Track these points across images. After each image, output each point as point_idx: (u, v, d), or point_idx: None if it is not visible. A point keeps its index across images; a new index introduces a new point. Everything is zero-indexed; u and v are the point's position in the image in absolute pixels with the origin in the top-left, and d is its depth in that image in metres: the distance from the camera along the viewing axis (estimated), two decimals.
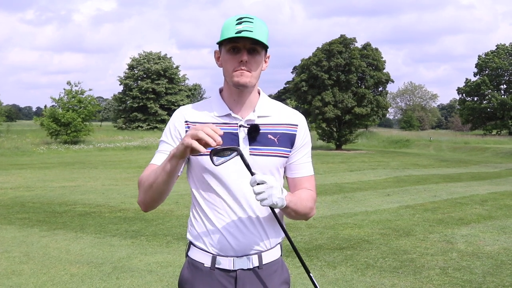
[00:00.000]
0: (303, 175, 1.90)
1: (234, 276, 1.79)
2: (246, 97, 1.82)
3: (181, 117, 1.84)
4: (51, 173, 14.81)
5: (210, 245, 1.79)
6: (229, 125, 1.79)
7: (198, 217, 1.84)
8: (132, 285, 4.61)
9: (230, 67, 1.75)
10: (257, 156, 1.78)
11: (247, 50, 1.72)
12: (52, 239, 6.37)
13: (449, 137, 44.04)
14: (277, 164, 1.82)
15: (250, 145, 1.78)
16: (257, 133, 1.78)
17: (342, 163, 19.85)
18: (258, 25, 1.72)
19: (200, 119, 1.82)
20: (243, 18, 1.71)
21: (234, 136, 1.78)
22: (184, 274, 1.87)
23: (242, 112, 1.82)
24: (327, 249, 5.95)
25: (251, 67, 1.74)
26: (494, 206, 9.30)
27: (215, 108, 1.83)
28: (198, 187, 1.83)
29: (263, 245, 1.81)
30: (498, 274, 5.00)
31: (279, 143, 1.82)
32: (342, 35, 31.92)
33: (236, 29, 1.69)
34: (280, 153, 1.82)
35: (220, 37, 1.75)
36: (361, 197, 10.24)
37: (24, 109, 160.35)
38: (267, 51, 1.81)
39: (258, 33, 1.69)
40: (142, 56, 58.53)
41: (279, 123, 1.84)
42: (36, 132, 34.54)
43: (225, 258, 1.78)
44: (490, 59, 57.09)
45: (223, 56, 1.78)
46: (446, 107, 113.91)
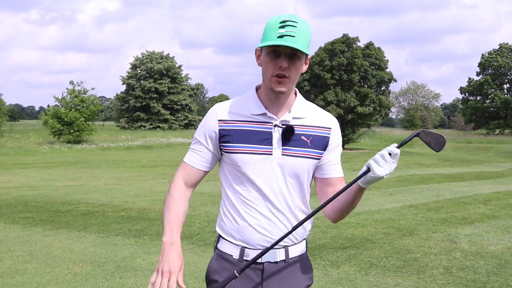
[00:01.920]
0: (335, 176, 1.93)
1: (261, 268, 1.84)
2: (283, 99, 1.83)
3: (214, 116, 1.86)
4: (54, 173, 14.84)
5: (239, 237, 1.84)
6: (264, 123, 1.82)
7: (228, 212, 1.88)
8: (136, 284, 4.61)
9: (269, 71, 1.74)
10: (289, 157, 1.81)
11: (288, 56, 1.71)
12: (55, 238, 6.38)
13: (452, 137, 43.94)
14: (309, 165, 1.85)
15: (283, 145, 1.80)
16: (291, 134, 1.80)
17: (345, 162, 19.71)
18: (301, 30, 1.69)
19: (235, 117, 1.84)
20: (287, 21, 1.69)
21: (269, 136, 1.81)
22: (213, 265, 1.92)
23: (278, 112, 1.83)
24: (331, 248, 5.94)
25: (290, 73, 1.74)
26: (498, 205, 9.27)
27: (251, 106, 1.84)
28: (230, 183, 1.87)
29: (290, 239, 1.87)
30: (502, 274, 4.99)
31: (312, 145, 1.84)
32: (344, 35, 31.91)
33: (278, 32, 1.67)
34: (313, 155, 1.84)
35: (262, 37, 1.74)
36: (364, 197, 10.19)
37: (27, 109, 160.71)
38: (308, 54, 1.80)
39: (300, 39, 1.68)
40: (145, 56, 58.61)
41: (313, 125, 1.86)
42: (39, 132, 34.62)
43: (253, 250, 1.82)
44: (493, 58, 56.91)
45: (263, 58, 1.78)
46: (449, 107, 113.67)
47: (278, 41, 1.66)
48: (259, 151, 1.80)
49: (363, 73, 31.66)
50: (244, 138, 1.80)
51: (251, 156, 1.80)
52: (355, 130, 32.89)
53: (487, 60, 57.45)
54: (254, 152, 1.80)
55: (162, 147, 30.65)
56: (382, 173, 1.67)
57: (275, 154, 1.80)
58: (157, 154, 24.83)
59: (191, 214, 7.26)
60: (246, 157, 1.80)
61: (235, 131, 1.81)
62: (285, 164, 1.80)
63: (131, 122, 57.11)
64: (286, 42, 1.65)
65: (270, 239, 1.82)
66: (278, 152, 1.80)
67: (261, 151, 1.80)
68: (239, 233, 1.84)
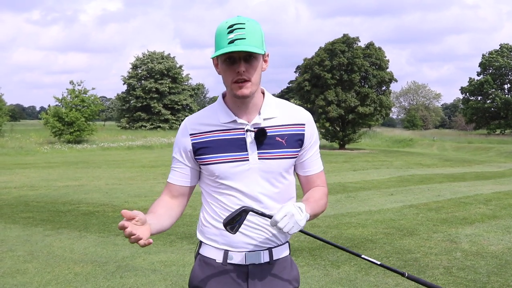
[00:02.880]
0: (314, 172, 1.93)
1: (246, 271, 1.82)
2: (250, 102, 1.80)
3: (185, 131, 1.85)
4: (55, 173, 14.85)
5: (222, 241, 1.82)
6: (236, 130, 1.79)
7: (209, 217, 1.87)
8: (136, 284, 4.61)
9: (228, 78, 1.72)
10: (266, 160, 1.79)
11: (244, 59, 1.68)
12: (56, 238, 6.39)
13: (453, 137, 43.99)
14: (286, 165, 1.83)
15: (258, 149, 1.78)
16: (264, 137, 1.77)
17: (345, 162, 19.83)
18: (251, 30, 1.66)
19: (205, 128, 1.82)
20: (234, 25, 1.65)
21: (242, 142, 1.78)
22: (196, 271, 1.88)
23: (247, 116, 1.80)
24: (331, 248, 5.94)
25: (250, 75, 1.70)
26: (498, 205, 9.27)
27: (220, 115, 1.82)
28: (209, 188, 1.86)
29: (273, 241, 1.84)
30: (502, 274, 4.98)
31: (287, 144, 1.81)
32: (345, 35, 31.88)
33: (228, 38, 1.64)
34: (289, 154, 1.82)
35: (214, 46, 1.71)
36: (364, 197, 10.23)
37: (27, 109, 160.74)
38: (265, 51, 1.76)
39: (251, 40, 1.65)
40: (145, 56, 58.62)
41: (286, 123, 1.83)
42: (39, 132, 34.63)
43: (237, 253, 1.81)
44: (493, 58, 56.89)
45: (220, 66, 1.75)
46: (449, 107, 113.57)
47: (229, 48, 1.63)
48: (235, 159, 1.77)
49: (364, 73, 31.63)
50: (218, 148, 1.78)
51: (227, 164, 1.77)
52: (356, 130, 32.84)
53: (488, 60, 57.42)
54: (231, 160, 1.77)
55: (162, 147, 30.64)
56: (281, 225, 1.61)
57: (251, 159, 1.77)
58: (158, 154, 24.83)
59: (191, 214, 7.27)
60: (223, 167, 1.78)
61: (208, 142, 1.80)
62: (263, 168, 1.78)
63: (132, 122, 57.12)
64: (237, 47, 1.62)
65: (254, 241, 1.80)
66: (254, 156, 1.77)
67: (237, 158, 1.77)
68: (222, 237, 1.82)
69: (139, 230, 1.58)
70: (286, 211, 1.61)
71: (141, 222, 1.61)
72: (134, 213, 1.60)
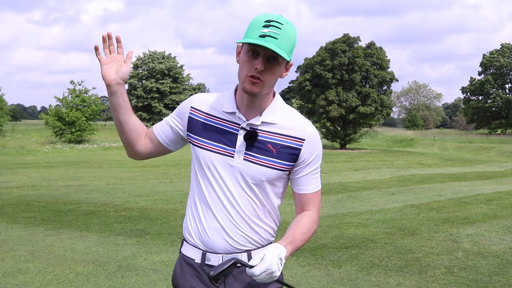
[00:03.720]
0: (309, 191, 1.81)
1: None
2: (257, 101, 1.73)
3: (189, 102, 1.85)
4: (56, 172, 14.85)
5: (200, 241, 1.79)
6: (232, 124, 1.75)
7: (191, 214, 1.84)
8: (137, 284, 4.61)
9: (244, 70, 1.66)
10: (250, 163, 1.72)
11: (267, 58, 1.62)
12: (57, 238, 6.39)
13: (454, 136, 43.94)
14: (271, 176, 1.74)
15: (247, 149, 1.72)
16: (253, 139, 1.71)
17: (346, 162, 19.82)
18: (286, 33, 1.60)
19: (207, 109, 1.80)
20: (272, 21, 1.59)
21: (233, 137, 1.74)
22: (176, 269, 1.88)
23: (248, 113, 1.75)
24: (332, 248, 5.94)
25: (265, 77, 1.64)
26: (500, 205, 9.26)
27: (225, 103, 1.78)
28: (196, 180, 1.82)
29: (253, 243, 1.79)
30: (504, 274, 4.98)
31: (278, 155, 1.72)
32: (345, 34, 31.89)
33: (260, 32, 1.58)
34: (277, 165, 1.73)
35: (245, 33, 1.65)
36: (365, 196, 10.23)
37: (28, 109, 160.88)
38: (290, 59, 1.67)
39: (282, 42, 1.59)
40: (146, 56, 58.65)
41: (284, 134, 1.73)
42: (41, 132, 34.67)
43: (214, 255, 1.77)
44: (494, 58, 56.84)
45: (241, 56, 1.69)
46: (450, 106, 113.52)
47: (258, 40, 1.57)
48: (221, 151, 1.74)
49: (365, 73, 31.63)
50: (209, 134, 1.76)
51: (212, 154, 1.75)
52: (357, 130, 32.85)
53: (489, 60, 57.37)
54: (217, 151, 1.74)
55: None
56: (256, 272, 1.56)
57: (236, 158, 1.72)
58: None
59: None
60: (210, 155, 1.75)
61: (203, 124, 1.78)
62: (245, 170, 1.71)
63: None
64: (266, 42, 1.56)
65: (232, 244, 1.76)
66: (240, 156, 1.72)
67: (223, 151, 1.74)
68: (200, 237, 1.79)
69: (109, 61, 1.78)
70: (266, 266, 1.54)
71: (120, 69, 1.76)
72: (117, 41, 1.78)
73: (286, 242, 1.67)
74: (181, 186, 11.66)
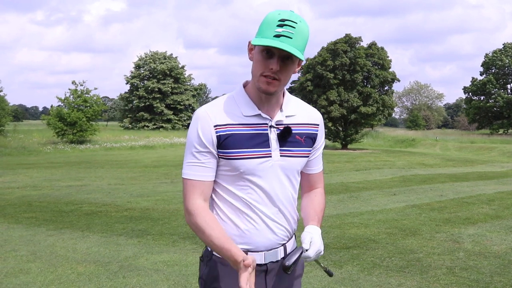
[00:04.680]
0: (317, 171, 1.99)
1: (265, 269, 1.84)
2: (274, 98, 1.78)
3: (209, 121, 1.74)
4: (58, 173, 14.88)
5: (241, 242, 1.80)
6: (259, 126, 1.76)
7: (225, 217, 1.82)
8: (139, 284, 4.62)
9: (259, 70, 1.68)
10: (287, 157, 1.80)
11: (281, 58, 1.64)
12: (59, 238, 6.40)
13: (455, 137, 43.87)
14: (302, 164, 1.87)
15: (280, 146, 1.78)
16: (290, 135, 1.78)
17: (347, 162, 19.80)
18: (300, 31, 1.62)
19: (228, 120, 1.74)
20: (286, 20, 1.61)
21: (265, 137, 1.76)
22: (213, 272, 1.83)
23: (270, 112, 1.78)
24: (333, 248, 5.94)
25: (281, 76, 1.67)
26: (501, 205, 9.25)
27: (243, 107, 1.76)
28: (226, 187, 1.81)
29: (288, 236, 1.89)
30: (505, 274, 4.97)
31: (305, 143, 1.85)
32: (347, 34, 31.85)
33: (275, 31, 1.59)
34: (306, 153, 1.86)
35: (258, 32, 1.66)
36: (367, 197, 10.22)
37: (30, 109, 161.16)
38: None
39: (297, 41, 1.61)
40: (148, 56, 58.70)
41: (304, 122, 1.85)
42: (42, 132, 34.69)
43: (257, 253, 1.81)
44: (496, 58, 56.77)
45: (255, 55, 1.70)
46: (452, 106, 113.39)
47: (273, 42, 1.58)
48: (258, 155, 1.75)
49: (366, 73, 31.59)
50: (242, 143, 1.74)
51: (251, 160, 1.75)
52: (358, 130, 32.79)
53: (491, 60, 57.30)
54: (254, 156, 1.75)
55: (165, 147, 30.68)
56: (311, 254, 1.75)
57: (274, 156, 1.77)
58: (160, 154, 24.85)
59: None
60: (247, 162, 1.74)
61: (233, 135, 1.73)
62: (284, 165, 1.79)
63: (134, 122, 57.21)
64: (282, 44, 1.58)
65: (273, 241, 1.83)
66: (276, 153, 1.77)
67: (260, 155, 1.75)
68: (242, 237, 1.79)
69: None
70: (317, 248, 1.76)
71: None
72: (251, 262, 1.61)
73: (316, 222, 1.87)
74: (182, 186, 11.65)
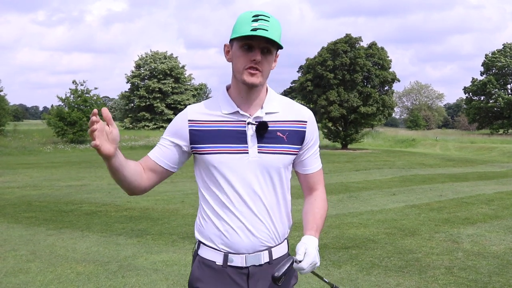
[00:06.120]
0: (314, 170, 1.94)
1: (246, 272, 1.80)
2: (255, 94, 1.79)
3: (185, 117, 1.83)
4: (58, 172, 14.89)
5: (221, 243, 1.80)
6: (237, 122, 1.78)
7: (207, 216, 1.84)
8: (138, 284, 4.63)
9: (242, 64, 1.72)
10: (265, 154, 1.77)
11: (261, 49, 1.70)
12: (58, 237, 6.41)
13: (456, 137, 43.86)
14: (286, 161, 1.82)
15: (259, 142, 1.77)
16: (265, 130, 1.76)
17: (347, 162, 19.81)
18: (274, 24, 1.70)
19: (206, 117, 1.80)
20: (260, 15, 1.69)
21: (242, 134, 1.77)
22: (195, 273, 1.86)
23: (250, 109, 1.80)
24: (332, 248, 5.95)
25: (263, 67, 1.72)
26: (501, 205, 9.26)
27: (223, 106, 1.81)
28: (207, 185, 1.82)
29: (273, 240, 1.83)
30: (504, 274, 4.98)
31: (288, 140, 1.81)
32: (347, 34, 31.85)
33: (251, 26, 1.66)
34: (289, 150, 1.81)
35: (233, 31, 1.73)
36: (366, 197, 10.23)
37: (31, 109, 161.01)
38: (277, 51, 1.79)
39: (273, 33, 1.68)
40: (148, 56, 58.70)
41: (288, 119, 1.83)
42: (42, 132, 34.70)
43: (237, 255, 1.79)
44: (496, 58, 56.77)
45: (234, 52, 1.75)
46: (452, 107, 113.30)
47: (255, 32, 1.65)
48: (234, 150, 1.75)
49: (366, 73, 31.60)
50: (217, 138, 1.76)
51: (227, 156, 1.75)
52: (358, 130, 32.78)
53: (491, 60, 57.29)
54: (230, 151, 1.75)
55: None
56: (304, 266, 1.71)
57: (251, 152, 1.76)
58: None
59: (193, 214, 7.27)
60: (222, 157, 1.75)
61: (207, 131, 1.78)
62: (262, 162, 1.76)
63: (135, 122, 57.22)
64: (263, 31, 1.65)
65: (255, 244, 1.79)
66: (254, 150, 1.76)
67: (236, 150, 1.75)
68: (221, 238, 1.79)
69: (102, 139, 1.58)
70: (311, 260, 1.71)
71: (111, 136, 1.61)
72: (107, 119, 1.62)
73: (313, 231, 1.82)
74: (182, 186, 11.68)
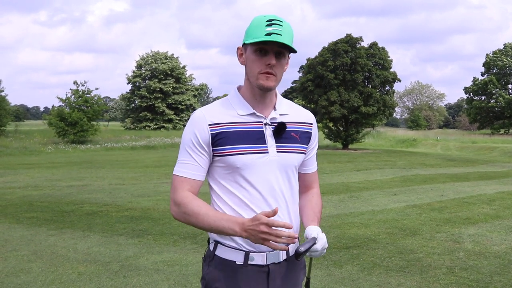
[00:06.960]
0: (312, 170, 2.07)
1: (267, 270, 1.83)
2: (268, 97, 1.86)
3: (203, 121, 1.80)
4: (59, 173, 14.90)
5: (243, 242, 1.81)
6: (255, 123, 1.83)
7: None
8: (139, 284, 4.63)
9: (256, 68, 1.77)
10: (283, 153, 1.84)
11: (274, 53, 1.75)
12: (59, 238, 6.42)
13: (457, 137, 43.84)
14: (299, 160, 1.92)
15: (276, 142, 1.83)
16: (284, 130, 1.84)
17: (348, 162, 19.80)
18: (287, 29, 1.74)
19: (224, 119, 1.81)
20: (273, 20, 1.73)
21: (261, 134, 1.82)
22: (213, 273, 1.84)
23: (264, 111, 1.85)
24: (334, 248, 5.95)
25: (277, 71, 1.77)
26: (502, 205, 9.25)
27: (237, 107, 1.84)
28: (223, 186, 1.83)
29: None
30: (505, 274, 4.98)
31: (301, 140, 1.90)
32: (348, 35, 31.81)
33: (266, 30, 1.71)
34: (302, 150, 1.91)
35: (247, 35, 1.77)
36: (367, 197, 10.23)
37: (32, 109, 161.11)
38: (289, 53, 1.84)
39: (286, 37, 1.72)
40: (149, 56, 58.72)
41: (298, 121, 1.92)
42: (43, 132, 34.73)
43: (258, 254, 1.81)
44: (497, 58, 56.73)
45: (248, 56, 1.79)
46: (453, 106, 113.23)
47: (270, 38, 1.69)
48: (255, 151, 1.79)
49: (367, 73, 31.55)
50: (238, 140, 1.79)
51: (249, 156, 1.78)
52: (359, 130, 32.74)
53: (492, 60, 57.26)
54: (252, 152, 1.79)
55: (166, 147, 30.69)
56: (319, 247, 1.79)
57: (270, 152, 1.81)
58: (161, 154, 24.87)
59: None
60: (245, 158, 1.78)
61: (228, 133, 1.79)
62: (280, 161, 1.83)
63: (136, 122, 57.25)
64: (277, 36, 1.70)
65: None
66: (273, 149, 1.82)
67: (257, 150, 1.80)
68: (242, 238, 1.77)
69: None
70: (324, 243, 1.80)
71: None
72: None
73: (316, 222, 1.93)
74: None
